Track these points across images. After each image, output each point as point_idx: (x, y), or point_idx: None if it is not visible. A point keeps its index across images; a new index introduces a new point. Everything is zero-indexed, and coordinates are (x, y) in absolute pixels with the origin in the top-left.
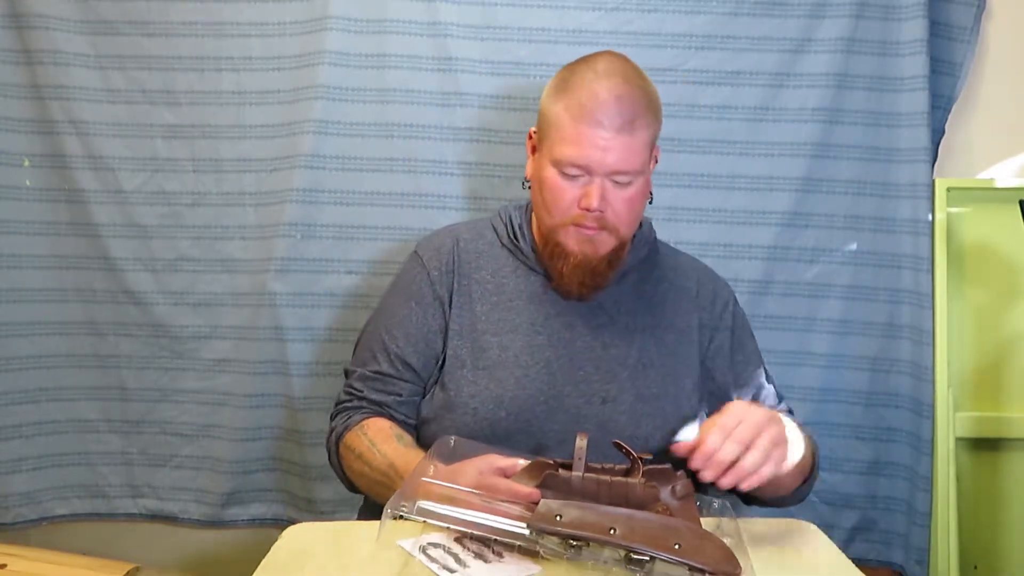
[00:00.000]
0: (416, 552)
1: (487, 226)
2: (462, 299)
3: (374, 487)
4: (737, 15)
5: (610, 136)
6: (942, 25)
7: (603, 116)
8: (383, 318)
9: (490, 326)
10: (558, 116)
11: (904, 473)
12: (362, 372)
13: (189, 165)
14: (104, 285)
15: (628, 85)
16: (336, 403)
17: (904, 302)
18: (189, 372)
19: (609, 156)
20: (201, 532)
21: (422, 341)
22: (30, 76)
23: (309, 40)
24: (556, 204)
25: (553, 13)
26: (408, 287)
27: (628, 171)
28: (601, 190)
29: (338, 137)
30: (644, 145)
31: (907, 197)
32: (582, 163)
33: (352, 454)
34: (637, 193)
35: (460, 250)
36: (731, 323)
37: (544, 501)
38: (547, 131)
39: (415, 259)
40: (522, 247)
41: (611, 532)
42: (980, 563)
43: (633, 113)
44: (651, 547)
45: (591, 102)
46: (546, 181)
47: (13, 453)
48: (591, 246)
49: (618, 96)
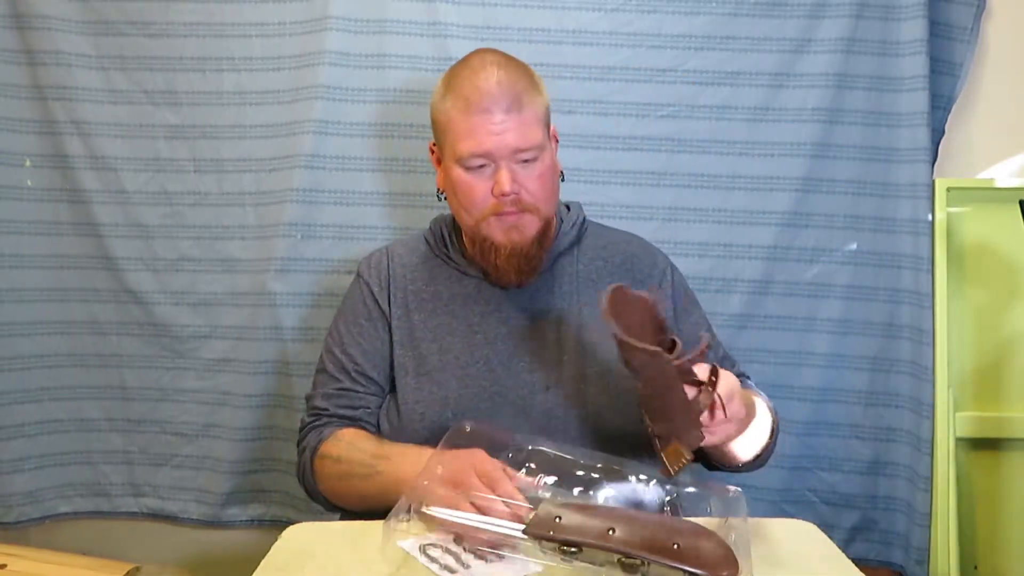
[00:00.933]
0: (416, 552)
1: (420, 240)
2: (400, 310)
3: (358, 484)
4: (737, 16)
5: (501, 118)
6: (942, 25)
7: (489, 103)
8: (336, 341)
9: (428, 332)
10: (449, 117)
11: (904, 473)
12: (325, 392)
13: (190, 165)
14: (106, 285)
15: (504, 70)
16: (300, 428)
17: (904, 302)
18: (189, 372)
19: (506, 137)
20: (201, 532)
21: (377, 355)
22: (32, 76)
23: (309, 40)
24: (471, 200)
25: (553, 14)
26: (354, 307)
27: (527, 147)
28: (510, 172)
29: (338, 137)
30: (536, 119)
31: (907, 197)
32: (482, 151)
33: (330, 460)
34: (546, 168)
35: (394, 264)
36: (670, 291)
37: (543, 504)
38: (444, 136)
39: (356, 280)
40: (451, 255)
41: (610, 533)
42: (980, 563)
43: (515, 92)
44: (648, 550)
45: (474, 94)
46: (456, 182)
47: (16, 452)
48: (517, 232)
49: (498, 81)
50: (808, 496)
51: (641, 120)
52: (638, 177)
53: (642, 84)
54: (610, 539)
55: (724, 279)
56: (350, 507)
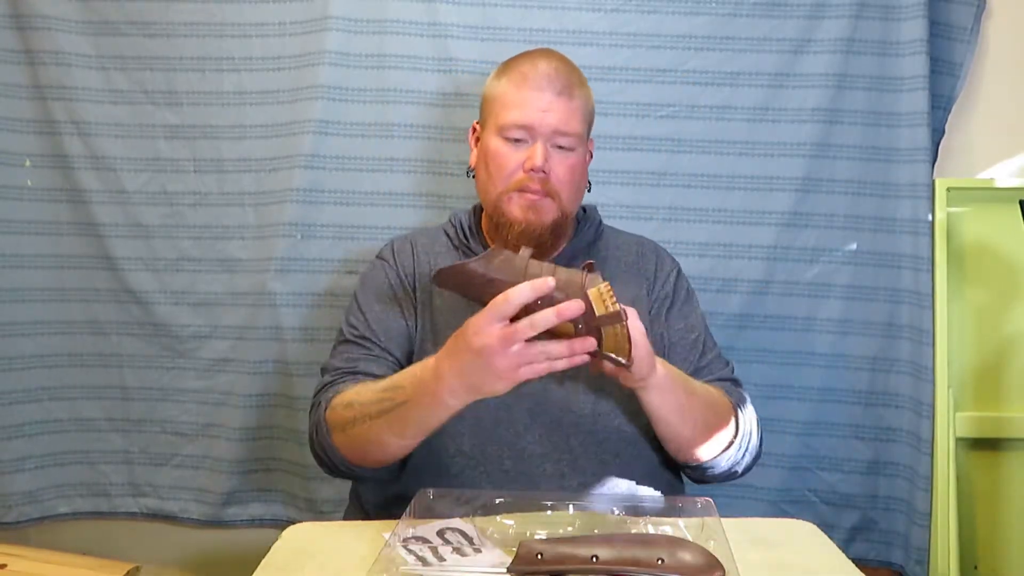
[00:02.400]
0: (396, 545)
1: (440, 231)
2: (424, 297)
3: (376, 425)
4: (737, 16)
5: (551, 98)
6: (942, 25)
7: (544, 82)
8: (359, 318)
9: (450, 321)
10: (500, 90)
11: (904, 473)
12: (345, 356)
13: (190, 165)
14: (106, 285)
15: (564, 63)
16: (314, 393)
17: (904, 302)
18: (189, 372)
19: (550, 116)
20: (201, 532)
21: (402, 336)
22: (32, 76)
23: (309, 40)
24: (500, 170)
25: (553, 14)
26: (379, 287)
27: (568, 132)
28: (545, 151)
29: (338, 137)
30: (582, 113)
31: (907, 197)
32: (525, 122)
33: (340, 407)
34: (577, 162)
35: (418, 251)
36: (671, 292)
37: (523, 543)
38: (490, 108)
39: (380, 264)
40: (473, 247)
41: (593, 560)
42: (980, 563)
43: (570, 81)
44: (634, 567)
45: (532, 71)
46: (490, 151)
47: (16, 452)
48: (535, 213)
49: (556, 68)
50: (808, 496)
51: (641, 120)
52: (638, 177)
53: (642, 84)
54: (595, 565)
55: (724, 279)
56: (368, 462)
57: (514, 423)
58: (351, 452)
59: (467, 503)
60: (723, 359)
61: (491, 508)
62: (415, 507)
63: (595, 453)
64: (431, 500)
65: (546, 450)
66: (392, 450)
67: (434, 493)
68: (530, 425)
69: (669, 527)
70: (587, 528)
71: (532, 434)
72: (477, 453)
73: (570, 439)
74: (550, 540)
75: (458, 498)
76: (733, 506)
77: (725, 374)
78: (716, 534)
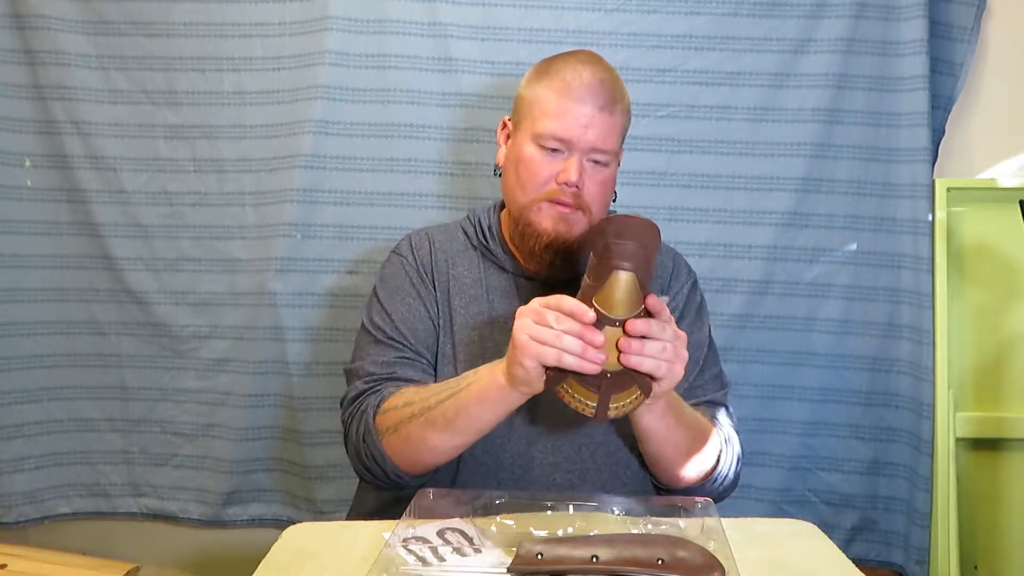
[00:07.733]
0: (396, 545)
1: (457, 229)
2: (442, 295)
3: (434, 411)
4: (737, 16)
5: (592, 113)
6: (942, 25)
7: (587, 94)
8: (384, 318)
9: (468, 320)
10: (541, 95)
11: (904, 473)
12: (378, 360)
13: (190, 165)
14: (106, 285)
15: (609, 74)
16: (351, 397)
17: (904, 302)
18: (189, 372)
19: (590, 132)
20: (201, 532)
21: (429, 335)
22: (32, 76)
23: (309, 40)
24: (532, 179)
25: (553, 14)
26: (400, 283)
27: (606, 150)
28: (580, 166)
29: (338, 137)
30: (619, 129)
31: (907, 197)
32: (564, 135)
33: (394, 410)
34: (609, 177)
35: (435, 249)
36: (682, 305)
37: (523, 543)
38: (527, 111)
39: (396, 258)
40: (491, 247)
41: (593, 560)
42: (980, 563)
43: (613, 96)
44: (634, 567)
45: (576, 81)
46: (523, 157)
47: (16, 452)
48: (565, 225)
49: (601, 79)
50: (808, 496)
51: (641, 120)
52: (638, 177)
53: (642, 84)
54: (595, 565)
55: (724, 279)
56: (419, 468)
57: (526, 433)
58: (402, 457)
59: (467, 503)
60: (720, 380)
61: (491, 508)
62: (415, 507)
63: (606, 464)
64: (431, 500)
65: (557, 460)
66: (443, 450)
67: (434, 493)
68: (540, 435)
69: (669, 527)
70: (587, 528)
71: (543, 444)
72: (488, 460)
73: (581, 450)
74: (550, 540)
75: (458, 498)
76: (733, 506)
77: (717, 397)
78: (716, 534)
